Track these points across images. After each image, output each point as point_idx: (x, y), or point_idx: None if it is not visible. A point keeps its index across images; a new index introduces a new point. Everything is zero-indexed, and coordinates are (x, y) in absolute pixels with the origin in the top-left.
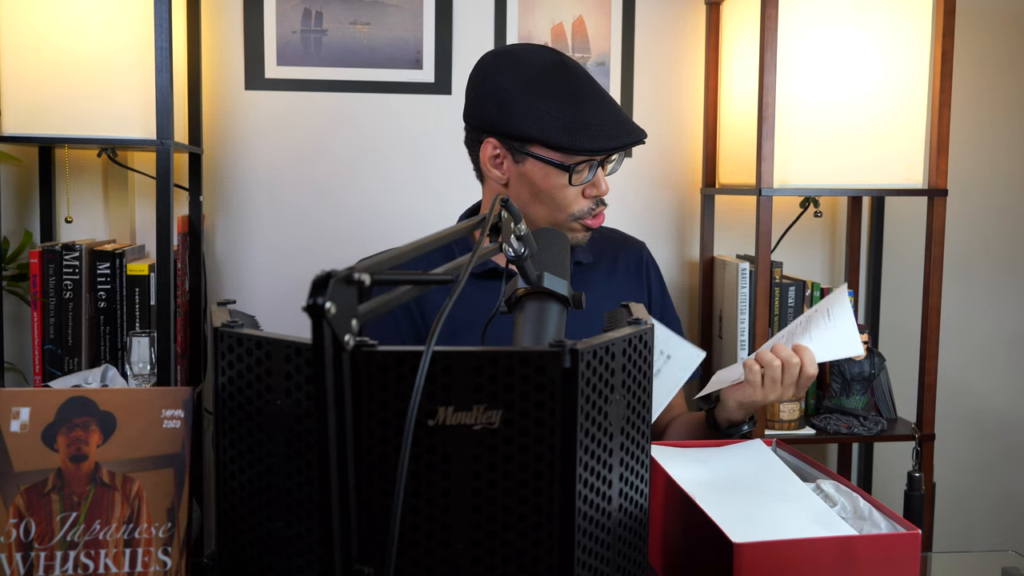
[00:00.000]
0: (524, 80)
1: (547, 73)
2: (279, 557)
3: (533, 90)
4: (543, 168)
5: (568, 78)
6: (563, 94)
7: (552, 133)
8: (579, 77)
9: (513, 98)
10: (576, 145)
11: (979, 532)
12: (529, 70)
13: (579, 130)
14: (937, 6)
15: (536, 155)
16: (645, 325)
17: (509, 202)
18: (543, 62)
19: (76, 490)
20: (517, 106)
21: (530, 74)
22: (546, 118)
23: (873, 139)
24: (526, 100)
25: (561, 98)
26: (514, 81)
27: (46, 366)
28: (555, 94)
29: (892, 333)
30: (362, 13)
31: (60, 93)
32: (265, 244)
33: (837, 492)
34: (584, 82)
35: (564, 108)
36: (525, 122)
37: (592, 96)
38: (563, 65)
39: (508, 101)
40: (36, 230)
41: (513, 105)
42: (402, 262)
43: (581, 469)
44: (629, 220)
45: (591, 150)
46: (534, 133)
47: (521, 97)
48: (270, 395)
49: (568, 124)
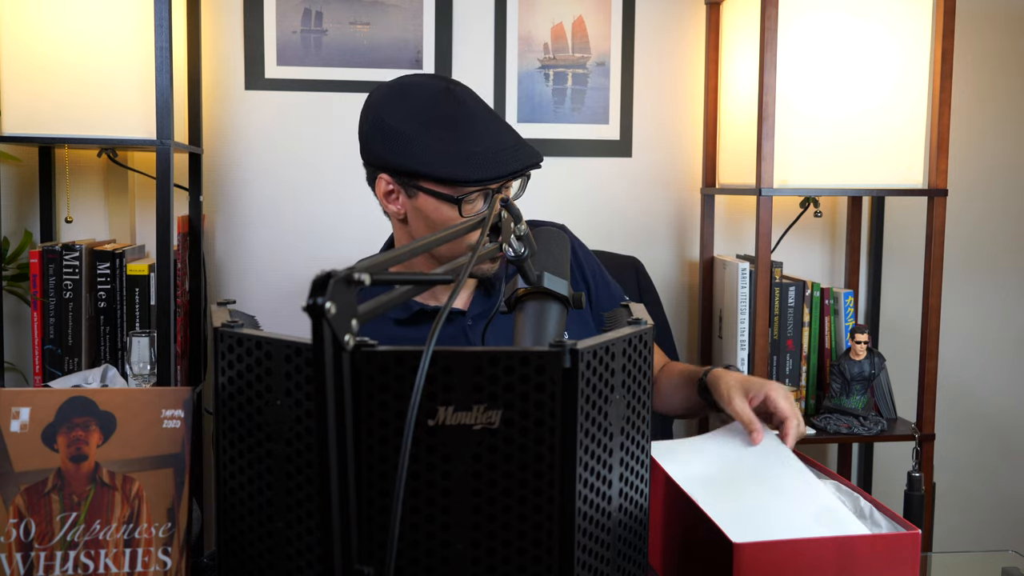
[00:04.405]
0: (408, 114)
1: (432, 104)
2: (279, 557)
3: (417, 123)
4: (434, 202)
5: (454, 108)
6: (448, 125)
7: (437, 166)
8: (467, 106)
9: (397, 134)
10: (460, 176)
11: (979, 532)
12: (414, 103)
13: (464, 161)
14: (937, 6)
15: (426, 189)
16: (645, 325)
17: (509, 202)
18: (429, 93)
19: (76, 490)
20: (401, 141)
21: (415, 107)
22: (429, 151)
23: (873, 139)
24: (409, 135)
25: (446, 129)
26: (398, 116)
27: (46, 366)
28: (439, 125)
29: (892, 333)
30: (362, 13)
31: (60, 93)
32: (265, 244)
33: (837, 492)
34: (472, 111)
35: (448, 139)
36: (410, 157)
37: (480, 124)
38: (450, 93)
39: (393, 137)
40: (36, 230)
41: (398, 141)
42: (402, 262)
43: (581, 469)
44: (629, 220)
45: (476, 180)
46: (419, 167)
47: (405, 132)
48: (270, 395)
49: (453, 156)
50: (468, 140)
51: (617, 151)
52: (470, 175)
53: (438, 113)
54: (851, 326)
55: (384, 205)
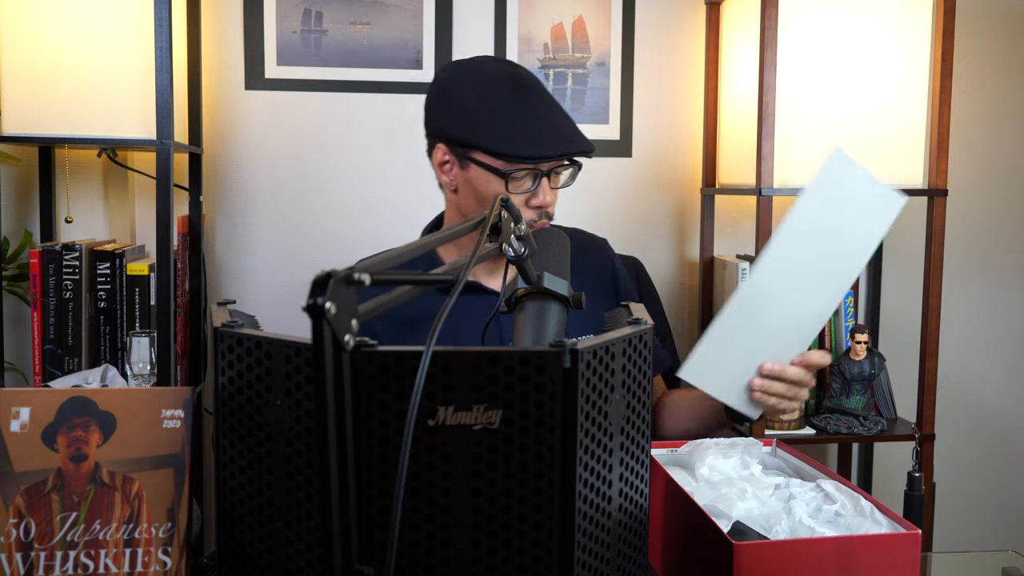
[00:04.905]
0: (473, 88)
1: (496, 82)
2: (279, 557)
3: (480, 98)
4: (484, 175)
5: (518, 91)
6: (507, 103)
7: (488, 138)
8: (530, 90)
9: (458, 105)
10: (510, 151)
11: (979, 532)
12: (479, 79)
13: (515, 136)
14: (937, 6)
15: (477, 160)
16: (645, 325)
17: (509, 202)
18: (495, 73)
19: (76, 490)
20: (460, 112)
21: (479, 83)
22: (484, 124)
23: (873, 139)
24: (469, 107)
25: (504, 106)
26: (464, 89)
27: (46, 366)
28: (499, 102)
29: (892, 333)
30: (362, 13)
31: (60, 93)
32: (265, 244)
33: (837, 492)
34: (535, 95)
35: (504, 116)
36: (466, 128)
37: (542, 108)
38: (517, 77)
39: (455, 108)
40: (36, 230)
41: (457, 111)
42: (402, 262)
43: (581, 469)
44: (629, 220)
45: (526, 157)
46: (472, 138)
47: (465, 104)
48: (270, 395)
49: (506, 131)
50: (523, 119)
51: (617, 151)
52: (520, 151)
53: (500, 90)
54: (851, 326)
55: (438, 175)
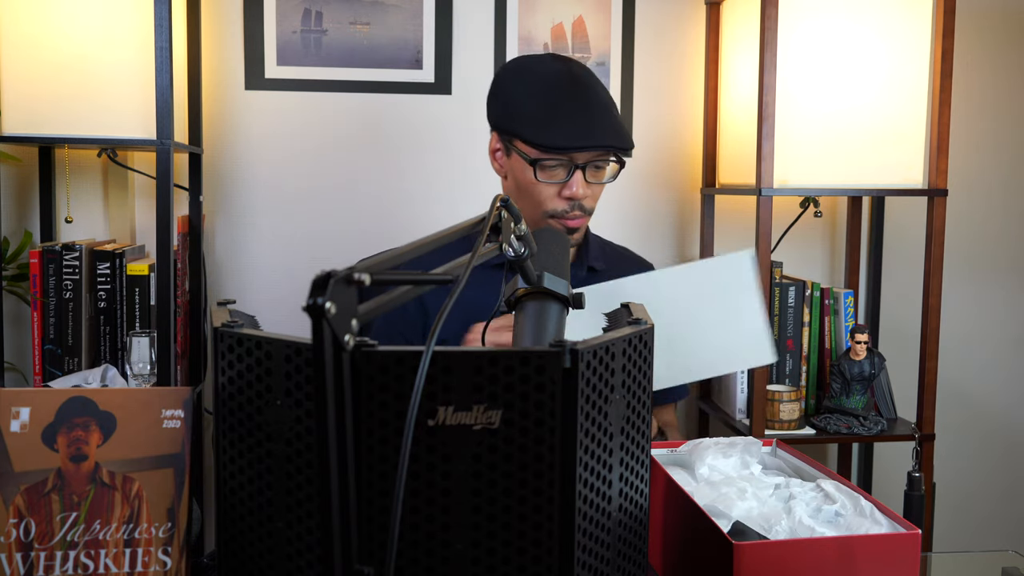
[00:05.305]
0: (524, 80)
1: (548, 77)
2: (279, 557)
3: (529, 91)
4: (521, 163)
5: (568, 87)
6: (555, 97)
7: (524, 126)
8: (579, 87)
9: (508, 96)
10: (542, 141)
11: (979, 532)
12: (533, 74)
13: (548, 126)
14: (937, 6)
15: (517, 148)
16: (645, 325)
17: (509, 202)
18: (551, 68)
19: (76, 490)
20: (509, 102)
21: (533, 78)
22: (525, 114)
23: (873, 139)
24: (517, 98)
25: (549, 100)
26: (515, 81)
27: (46, 366)
28: (548, 96)
29: (892, 333)
30: (362, 13)
31: (60, 93)
32: (265, 244)
33: (837, 492)
34: (583, 91)
35: (549, 109)
36: (510, 117)
37: (585, 104)
38: (568, 73)
39: (504, 98)
40: (36, 230)
41: (506, 102)
42: (402, 262)
43: (581, 469)
44: (629, 220)
45: (553, 147)
46: (512, 126)
47: (514, 95)
48: (270, 395)
49: (545, 122)
50: (563, 112)
51: None
52: (548, 140)
53: (549, 85)
54: (851, 326)
55: (492, 162)
